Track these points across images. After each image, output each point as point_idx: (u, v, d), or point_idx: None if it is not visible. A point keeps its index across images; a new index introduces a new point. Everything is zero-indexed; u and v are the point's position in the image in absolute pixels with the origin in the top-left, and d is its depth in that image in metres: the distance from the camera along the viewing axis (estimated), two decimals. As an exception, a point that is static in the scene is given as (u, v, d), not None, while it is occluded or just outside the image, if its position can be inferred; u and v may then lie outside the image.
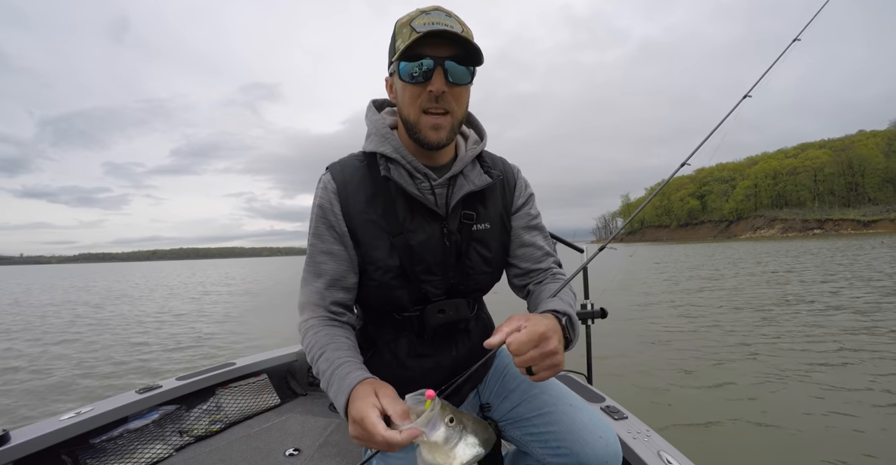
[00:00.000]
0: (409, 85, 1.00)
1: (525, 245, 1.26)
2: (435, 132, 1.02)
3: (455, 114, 1.04)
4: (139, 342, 8.46)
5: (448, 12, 1.01)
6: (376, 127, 1.13)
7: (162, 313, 12.93)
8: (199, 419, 2.17)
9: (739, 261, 24.67)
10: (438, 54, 0.97)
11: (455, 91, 1.02)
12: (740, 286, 12.95)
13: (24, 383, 5.98)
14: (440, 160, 1.15)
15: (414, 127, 1.03)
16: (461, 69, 1.00)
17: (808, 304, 9.28)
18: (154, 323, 11.01)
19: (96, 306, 15.61)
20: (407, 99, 1.02)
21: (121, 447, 1.87)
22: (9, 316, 13.80)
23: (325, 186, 1.12)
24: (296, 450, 2.06)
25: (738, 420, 3.78)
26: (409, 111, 1.03)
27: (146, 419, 2.00)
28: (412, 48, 0.95)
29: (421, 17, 0.98)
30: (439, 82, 0.98)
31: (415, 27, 0.95)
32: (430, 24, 0.95)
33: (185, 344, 8.23)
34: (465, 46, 0.97)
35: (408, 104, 1.03)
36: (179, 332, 9.50)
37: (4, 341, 9.13)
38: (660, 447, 1.40)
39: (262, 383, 2.51)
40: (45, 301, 18.57)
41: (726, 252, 32.68)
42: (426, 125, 1.02)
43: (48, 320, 12.46)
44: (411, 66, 0.98)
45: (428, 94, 0.99)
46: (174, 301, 16.48)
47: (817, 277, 14.30)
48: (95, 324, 11.19)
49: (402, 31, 0.99)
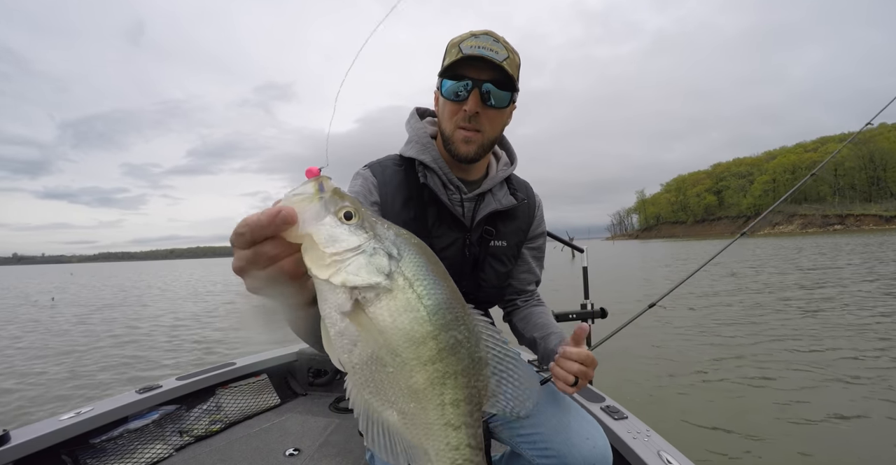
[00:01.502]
0: (449, 102, 1.09)
1: (527, 271, 1.40)
2: (465, 145, 1.11)
3: (486, 133, 1.12)
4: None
5: (497, 37, 1.07)
6: (417, 135, 1.22)
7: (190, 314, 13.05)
8: (199, 419, 2.18)
9: (765, 258, 23.79)
10: (477, 77, 1.04)
11: (489, 113, 1.09)
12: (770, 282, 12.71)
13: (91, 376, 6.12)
14: (472, 176, 1.24)
15: (448, 139, 1.13)
16: (499, 93, 1.07)
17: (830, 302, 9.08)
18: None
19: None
20: (446, 114, 1.12)
21: (121, 447, 1.88)
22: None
23: (365, 179, 1.19)
24: (296, 450, 2.07)
25: (738, 420, 3.75)
26: (447, 125, 1.12)
27: (146, 419, 2.01)
28: (454, 68, 1.05)
29: (470, 39, 1.05)
30: (474, 103, 1.06)
31: (462, 48, 1.04)
32: (475, 47, 1.03)
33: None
34: (503, 72, 1.04)
35: (446, 119, 1.12)
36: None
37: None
38: (660, 447, 1.40)
39: (262, 384, 2.52)
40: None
41: (747, 249, 32.04)
42: (459, 138, 1.10)
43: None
44: (454, 86, 1.07)
45: (463, 112, 1.07)
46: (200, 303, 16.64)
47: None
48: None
49: (452, 50, 1.07)
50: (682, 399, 4.33)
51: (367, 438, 0.47)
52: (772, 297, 10.18)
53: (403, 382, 0.46)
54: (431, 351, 0.45)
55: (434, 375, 0.45)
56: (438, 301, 0.46)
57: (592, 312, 2.13)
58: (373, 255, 0.45)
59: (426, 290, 0.46)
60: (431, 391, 0.46)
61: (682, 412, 3.96)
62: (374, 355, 0.45)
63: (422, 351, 0.45)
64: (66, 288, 27.90)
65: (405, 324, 0.44)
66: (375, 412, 0.47)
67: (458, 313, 0.47)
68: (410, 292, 0.45)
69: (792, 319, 7.68)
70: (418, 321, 0.45)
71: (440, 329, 0.45)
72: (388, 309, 0.44)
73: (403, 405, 0.46)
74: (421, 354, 0.45)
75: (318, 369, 2.70)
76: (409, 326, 0.44)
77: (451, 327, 0.46)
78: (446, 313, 0.46)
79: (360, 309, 0.44)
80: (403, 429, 0.47)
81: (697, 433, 3.55)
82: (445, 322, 0.46)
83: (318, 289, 0.45)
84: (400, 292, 0.45)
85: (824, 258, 20.51)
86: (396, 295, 0.45)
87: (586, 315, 2.14)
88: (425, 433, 0.47)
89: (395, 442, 0.47)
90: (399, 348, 0.45)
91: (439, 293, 0.46)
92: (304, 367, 2.72)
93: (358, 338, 0.45)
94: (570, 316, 2.12)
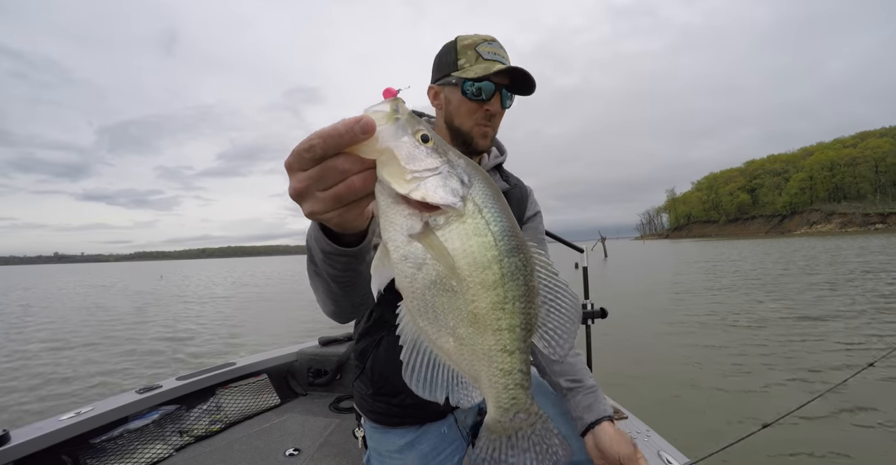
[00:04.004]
0: (470, 101, 1.16)
1: None
2: (484, 140, 1.21)
3: (495, 128, 1.23)
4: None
5: (500, 44, 1.18)
6: None
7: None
8: (199, 419, 2.20)
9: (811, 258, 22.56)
10: (500, 82, 1.15)
11: (501, 113, 1.21)
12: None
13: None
14: None
15: (467, 134, 1.20)
16: (511, 97, 1.20)
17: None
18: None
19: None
20: (464, 111, 1.18)
21: (121, 447, 1.90)
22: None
23: None
24: (296, 450, 2.06)
25: (738, 420, 3.74)
26: (465, 121, 1.19)
27: (146, 419, 2.04)
28: (485, 73, 1.11)
29: (484, 45, 1.15)
30: (497, 105, 1.17)
31: (481, 53, 1.14)
32: (493, 54, 1.14)
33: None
34: (524, 80, 1.15)
35: (464, 115, 1.18)
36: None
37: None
38: (660, 447, 1.41)
39: (262, 384, 2.53)
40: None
41: (790, 249, 30.85)
42: (479, 133, 1.19)
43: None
44: (476, 87, 1.14)
45: (485, 112, 1.17)
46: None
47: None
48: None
49: (467, 52, 1.15)
50: (682, 399, 4.32)
51: (408, 370, 0.47)
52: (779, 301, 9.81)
53: (465, 306, 0.46)
54: (495, 276, 0.46)
55: (495, 299, 0.46)
56: (504, 228, 0.46)
57: (592, 312, 2.12)
58: (448, 177, 0.46)
59: (493, 216, 0.46)
60: (491, 316, 0.46)
61: (682, 412, 3.97)
62: (439, 278, 0.45)
63: (486, 275, 0.45)
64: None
65: (474, 248, 0.45)
66: (427, 341, 0.48)
67: (519, 241, 0.48)
68: (479, 217, 0.46)
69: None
70: (486, 246, 0.45)
71: (504, 255, 0.46)
72: (458, 232, 0.45)
73: (462, 331, 0.47)
74: (486, 278, 0.45)
75: (318, 370, 2.69)
76: (477, 250, 0.45)
77: (513, 254, 0.46)
78: (510, 240, 0.47)
79: (430, 231, 0.45)
80: (457, 355, 0.48)
81: (698, 433, 3.54)
82: (509, 248, 0.46)
83: (384, 212, 0.46)
84: (470, 217, 0.45)
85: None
86: (466, 219, 0.45)
87: (586, 315, 2.12)
88: (480, 358, 0.48)
89: (437, 374, 0.48)
90: (466, 272, 0.45)
91: (504, 221, 0.47)
92: (304, 367, 2.72)
93: (424, 261, 0.45)
94: (571, 316, 2.08)
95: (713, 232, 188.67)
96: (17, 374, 6.56)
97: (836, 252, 25.01)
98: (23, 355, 7.93)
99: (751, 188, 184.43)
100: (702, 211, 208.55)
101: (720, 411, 3.99)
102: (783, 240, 70.74)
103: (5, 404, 5.25)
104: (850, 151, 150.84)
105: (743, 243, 57.02)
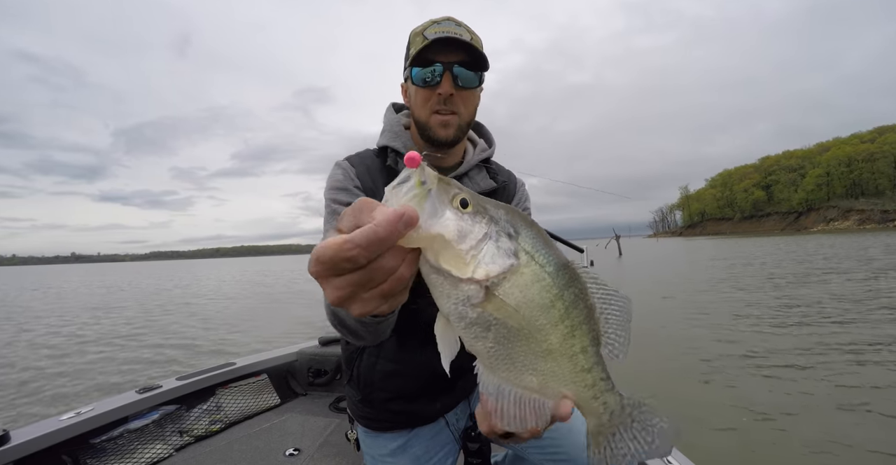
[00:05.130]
0: (421, 88, 1.09)
1: None
2: (444, 129, 1.10)
3: (462, 115, 1.12)
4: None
5: (458, 22, 1.09)
6: (390, 124, 1.22)
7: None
8: (199, 419, 2.20)
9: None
10: (447, 60, 1.05)
11: (463, 94, 1.09)
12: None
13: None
14: (448, 162, 1.22)
15: (425, 125, 1.11)
16: (469, 74, 1.07)
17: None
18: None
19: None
20: (419, 101, 1.11)
21: (121, 447, 1.91)
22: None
23: (344, 169, 1.17)
24: (296, 450, 2.06)
25: (738, 420, 3.70)
26: (421, 112, 1.11)
27: (146, 419, 2.04)
28: (423, 54, 1.04)
29: (433, 27, 1.06)
30: (448, 86, 1.06)
31: (426, 36, 1.04)
32: (440, 32, 1.03)
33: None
34: (472, 53, 1.05)
35: (420, 106, 1.11)
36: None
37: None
38: None
39: (262, 384, 2.53)
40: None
41: (811, 246, 30.07)
42: (436, 123, 1.10)
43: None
44: (423, 72, 1.06)
45: (437, 96, 1.07)
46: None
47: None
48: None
49: (416, 39, 1.07)
50: (683, 399, 4.28)
51: (499, 416, 0.48)
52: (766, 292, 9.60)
53: (538, 346, 0.47)
54: (560, 311, 0.47)
55: (564, 331, 0.48)
56: (556, 265, 0.47)
57: None
58: (498, 239, 0.45)
59: (545, 258, 0.47)
60: (564, 346, 0.48)
61: (683, 412, 3.91)
62: (509, 331, 0.46)
63: (552, 314, 0.46)
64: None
65: (535, 294, 0.46)
66: (509, 385, 0.49)
67: (570, 270, 0.49)
68: (534, 264, 0.46)
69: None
70: (546, 288, 0.46)
71: (563, 289, 0.47)
72: (517, 286, 0.45)
73: (541, 366, 0.48)
74: (552, 316, 0.47)
75: (318, 370, 2.69)
76: (539, 295, 0.46)
77: (569, 285, 0.48)
78: (564, 274, 0.47)
79: (491, 294, 0.44)
80: (542, 387, 0.49)
81: (698, 433, 3.49)
82: (565, 282, 0.47)
83: (441, 291, 0.45)
84: (525, 267, 0.46)
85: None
86: (523, 271, 0.45)
87: None
88: (566, 384, 0.49)
89: (525, 409, 0.49)
90: (533, 318, 0.46)
91: (553, 258, 0.47)
92: (303, 367, 2.72)
93: (492, 322, 0.45)
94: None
95: (728, 229, 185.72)
96: (17, 374, 6.61)
97: (862, 250, 24.15)
98: (23, 354, 8.00)
99: (766, 185, 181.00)
100: (716, 208, 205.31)
101: (722, 411, 3.94)
102: (800, 237, 69.20)
103: (5, 404, 5.28)
104: (868, 146, 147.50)
105: (760, 241, 55.99)
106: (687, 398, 4.31)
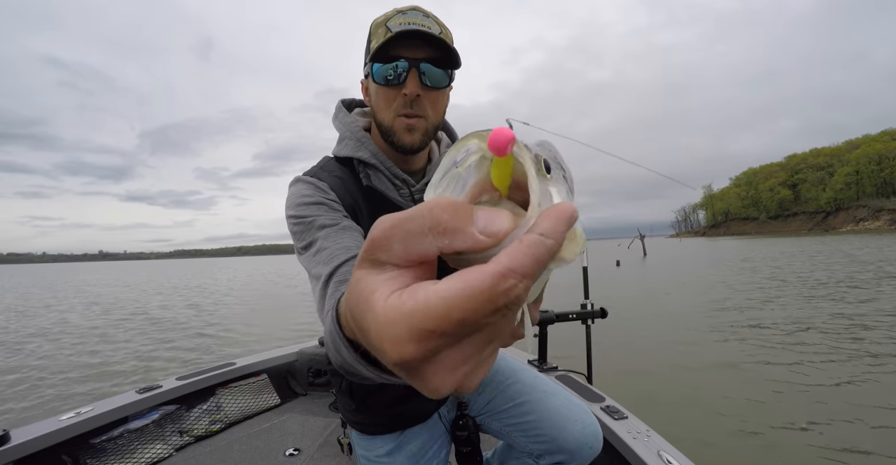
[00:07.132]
0: (383, 88, 0.95)
1: None
2: (409, 135, 0.98)
3: (429, 118, 0.99)
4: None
5: (426, 13, 0.95)
6: (350, 130, 1.08)
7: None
8: (199, 419, 2.21)
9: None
10: (413, 56, 0.92)
11: (431, 95, 0.97)
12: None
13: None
14: (415, 165, 1.11)
15: (388, 129, 0.99)
16: (438, 72, 0.94)
17: None
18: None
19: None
20: (381, 102, 0.98)
21: (121, 447, 1.92)
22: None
23: (312, 184, 0.99)
24: (296, 450, 2.06)
25: (738, 420, 3.67)
26: (384, 115, 0.98)
27: (146, 419, 2.05)
28: (386, 49, 0.90)
29: (397, 17, 0.92)
30: (414, 85, 0.93)
31: (390, 27, 0.90)
32: (405, 24, 0.90)
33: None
34: (442, 48, 0.92)
35: (382, 108, 0.98)
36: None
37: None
38: (660, 447, 1.40)
39: (262, 384, 2.54)
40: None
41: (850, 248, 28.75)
42: (401, 127, 0.97)
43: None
44: (385, 68, 0.93)
45: (403, 97, 0.94)
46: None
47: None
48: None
49: (378, 31, 0.93)
50: (683, 399, 4.23)
51: None
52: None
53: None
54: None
55: None
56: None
57: (592, 312, 2.07)
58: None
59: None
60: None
61: (683, 412, 3.89)
62: None
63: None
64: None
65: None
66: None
67: None
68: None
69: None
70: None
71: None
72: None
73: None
74: None
75: (318, 370, 2.68)
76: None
77: None
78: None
79: None
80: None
81: (698, 434, 3.47)
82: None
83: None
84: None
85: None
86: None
87: (586, 315, 2.08)
88: None
89: None
90: None
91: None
92: (304, 367, 2.71)
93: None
94: (570, 316, 2.05)
95: (752, 229, 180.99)
96: (17, 374, 6.62)
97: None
98: (23, 354, 8.00)
99: (792, 183, 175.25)
100: (740, 208, 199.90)
101: (723, 412, 3.87)
102: (830, 237, 66.58)
103: (5, 403, 5.29)
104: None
105: (788, 241, 54.56)
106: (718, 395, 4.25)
